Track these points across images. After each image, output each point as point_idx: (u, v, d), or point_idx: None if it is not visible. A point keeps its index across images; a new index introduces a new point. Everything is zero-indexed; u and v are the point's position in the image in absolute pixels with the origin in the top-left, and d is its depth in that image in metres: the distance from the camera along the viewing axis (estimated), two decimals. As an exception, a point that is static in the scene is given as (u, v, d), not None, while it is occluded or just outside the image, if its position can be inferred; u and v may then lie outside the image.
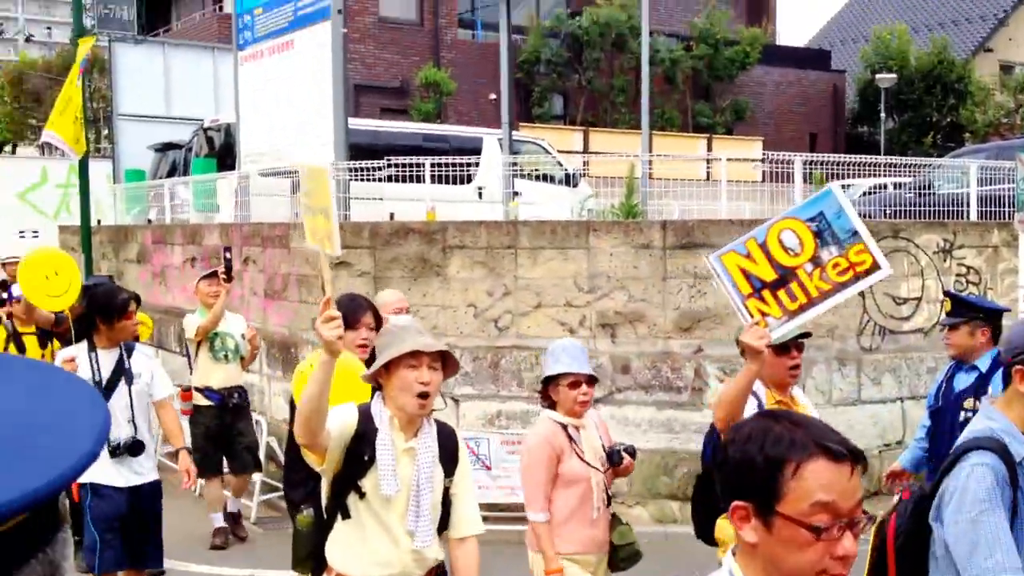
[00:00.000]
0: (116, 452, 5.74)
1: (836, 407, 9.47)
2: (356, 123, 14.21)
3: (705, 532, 4.67)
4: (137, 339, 6.92)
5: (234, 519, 8.93)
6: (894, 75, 32.70)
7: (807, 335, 4.70)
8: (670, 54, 31.64)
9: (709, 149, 26.16)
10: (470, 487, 3.94)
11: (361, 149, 12.85)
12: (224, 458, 8.79)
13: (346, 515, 3.66)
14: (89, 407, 0.84)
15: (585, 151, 24.28)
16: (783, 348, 4.46)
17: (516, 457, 7.47)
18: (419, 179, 11.83)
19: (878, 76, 32.76)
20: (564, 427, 4.74)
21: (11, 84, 31.70)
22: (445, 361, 3.72)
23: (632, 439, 9.66)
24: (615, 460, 4.83)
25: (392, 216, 11.43)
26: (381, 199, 12.38)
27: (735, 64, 33.29)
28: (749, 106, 34.37)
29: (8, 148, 31.94)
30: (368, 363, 3.99)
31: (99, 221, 16.76)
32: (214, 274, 8.70)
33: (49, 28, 59.37)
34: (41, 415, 0.81)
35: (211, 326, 8.50)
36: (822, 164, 11.98)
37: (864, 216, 5.36)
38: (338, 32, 11.75)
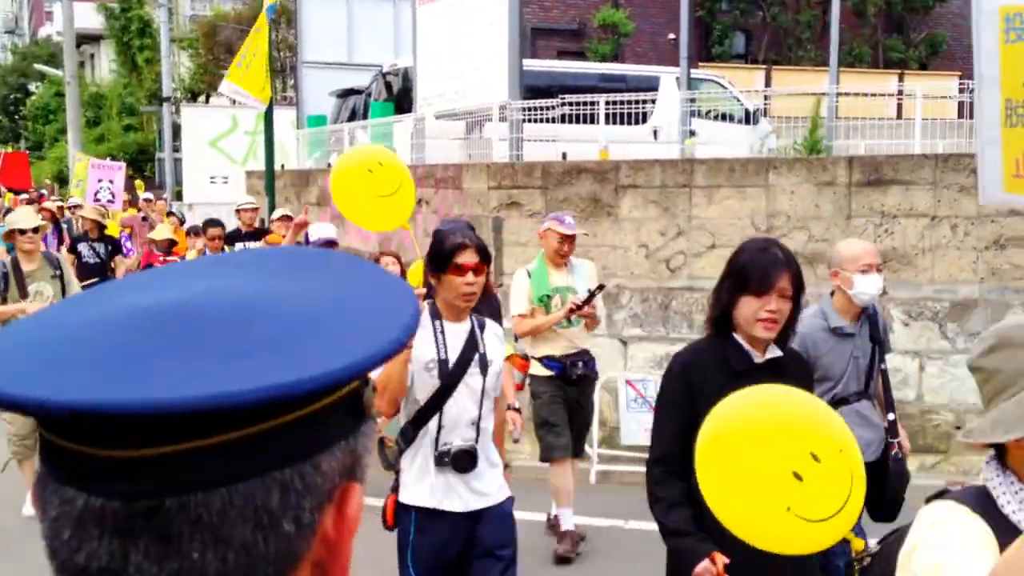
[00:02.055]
0: (442, 461, 4.16)
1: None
2: (531, 64, 14.09)
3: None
4: (498, 308, 6.31)
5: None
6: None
7: None
8: (861, -14, 30.09)
9: (900, 85, 24.83)
10: None
11: (537, 90, 12.74)
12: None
13: None
14: (399, 294, 0.82)
15: (767, 89, 23.46)
16: None
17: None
18: (593, 119, 11.64)
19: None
20: None
21: (205, 36, 33.04)
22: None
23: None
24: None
25: (564, 156, 11.29)
26: (555, 140, 12.25)
27: (932, -5, 31.40)
28: (946, 39, 32.40)
29: (202, 98, 33.38)
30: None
31: (283, 166, 17.29)
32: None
33: (242, -18, 61.43)
34: (348, 300, 0.79)
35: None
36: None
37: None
38: (513, -30, 11.62)
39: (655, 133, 14.10)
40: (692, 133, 12.11)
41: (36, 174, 35.46)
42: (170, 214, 16.24)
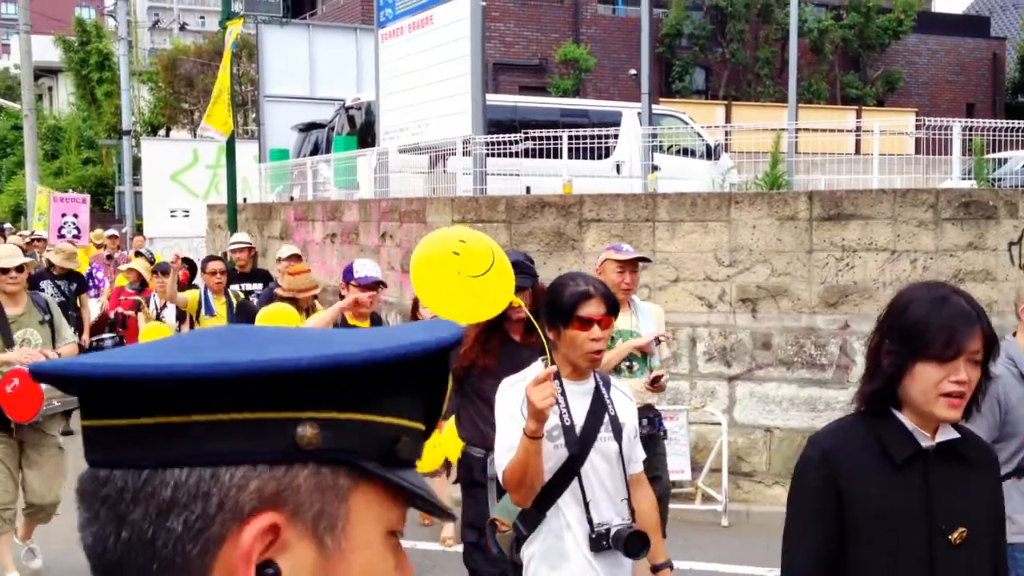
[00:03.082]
0: (601, 545, 3.51)
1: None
2: (494, 99, 14.15)
3: None
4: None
5: None
6: (1060, 41, 30.89)
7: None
8: (818, 24, 30.60)
9: (858, 121, 25.19)
10: None
11: (500, 124, 12.78)
12: None
13: None
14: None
15: (728, 125, 23.70)
16: None
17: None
18: (556, 154, 11.68)
19: (1042, 42, 31.00)
20: None
21: (165, 70, 32.90)
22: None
23: (772, 418, 9.36)
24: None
25: (528, 190, 11.32)
26: (518, 174, 12.29)
27: (887, 32, 31.98)
28: (902, 76, 33.00)
29: (162, 131, 33.19)
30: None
31: (245, 199, 17.21)
32: None
33: (202, 17, 61.38)
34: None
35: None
36: (982, 132, 11.33)
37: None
38: (476, 4, 11.69)
39: (618, 167, 14.19)
40: (655, 168, 12.19)
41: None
42: (138, 254, 15.09)
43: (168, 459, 0.78)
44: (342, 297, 6.63)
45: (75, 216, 18.30)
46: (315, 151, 16.58)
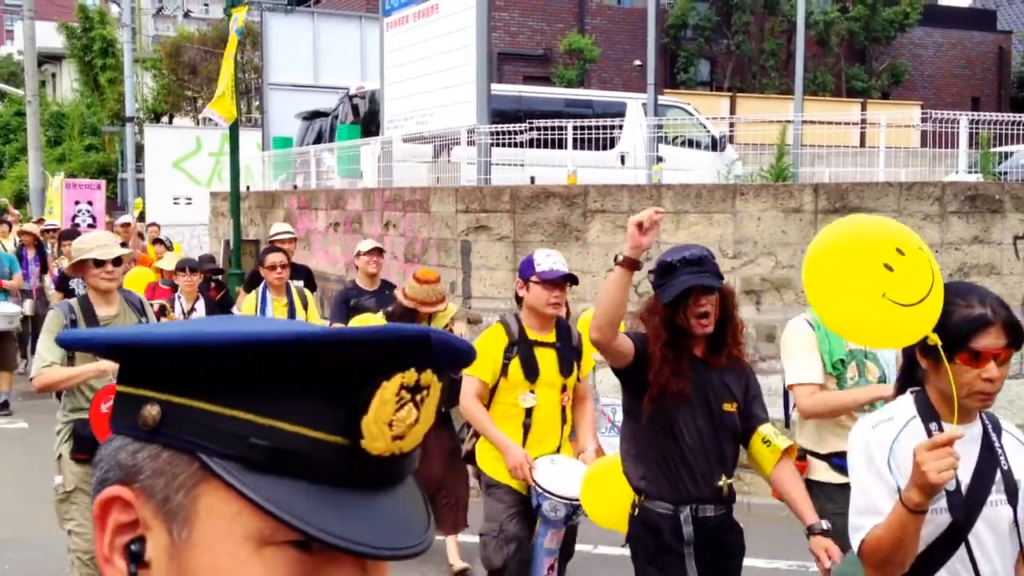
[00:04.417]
0: None
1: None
2: (498, 88, 14.10)
3: None
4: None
5: None
6: (1067, 35, 30.78)
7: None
8: (824, 16, 30.48)
9: (864, 114, 25.13)
10: None
11: (504, 114, 12.75)
12: None
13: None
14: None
15: (733, 116, 23.65)
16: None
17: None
18: (561, 144, 11.65)
19: (1049, 36, 30.89)
20: None
21: (168, 57, 32.83)
22: None
23: (775, 410, 9.32)
24: None
25: (533, 180, 11.29)
26: (522, 164, 12.25)
27: (893, 25, 31.85)
28: (907, 69, 32.89)
29: (165, 118, 33.13)
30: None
31: (248, 187, 17.17)
32: None
33: (207, 4, 61.30)
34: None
35: None
36: (988, 125, 11.28)
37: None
38: (482, -7, 11.65)
39: (622, 158, 14.15)
40: (659, 159, 12.15)
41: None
42: (157, 241, 13.92)
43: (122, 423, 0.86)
44: (519, 299, 5.21)
45: (89, 204, 16.80)
46: (319, 139, 16.55)
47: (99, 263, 5.33)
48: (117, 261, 5.40)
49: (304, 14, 21.68)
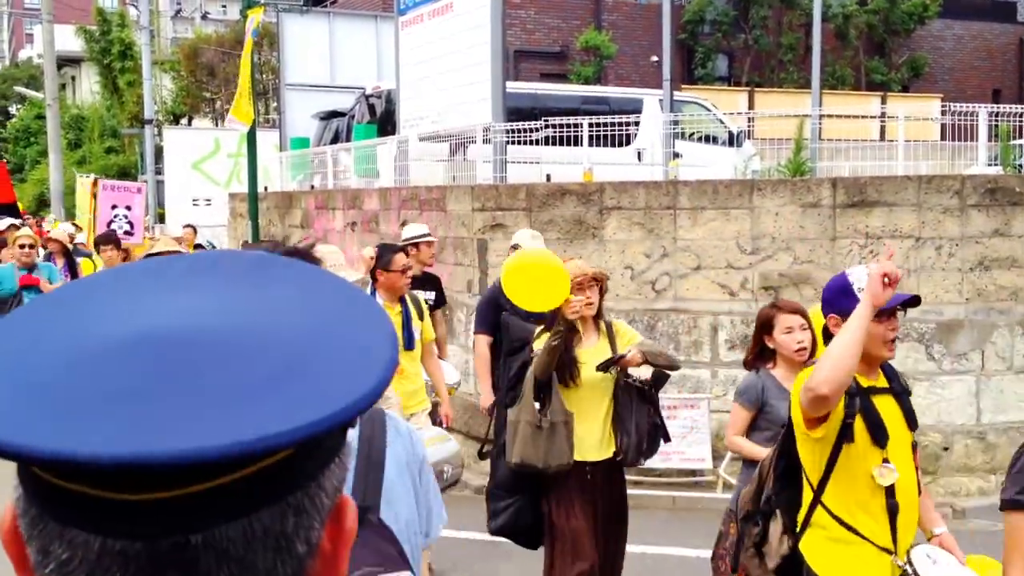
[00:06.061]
0: None
1: (1018, 375, 8.84)
2: (514, 86, 14.08)
3: None
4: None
5: None
6: (1089, 25, 30.47)
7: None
8: (843, 9, 30.27)
9: (883, 107, 24.95)
10: None
11: (520, 112, 12.72)
12: None
13: None
14: (379, 333, 0.76)
15: (751, 111, 23.52)
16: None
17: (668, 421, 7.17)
18: (577, 141, 11.62)
19: (1071, 27, 30.60)
20: None
21: (187, 59, 32.96)
22: None
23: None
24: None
25: (548, 178, 11.26)
26: (538, 162, 12.23)
27: (913, 18, 31.60)
28: (927, 62, 32.64)
29: (184, 120, 33.27)
30: None
31: (266, 188, 17.22)
32: None
33: (224, 5, 61.45)
34: (327, 336, 0.75)
35: None
36: (1009, 117, 11.18)
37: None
38: (496, -9, 11.63)
39: (639, 155, 14.10)
40: (676, 155, 12.10)
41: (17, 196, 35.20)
42: (198, 247, 13.62)
43: (280, 492, 0.75)
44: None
45: (127, 208, 15.25)
46: (335, 139, 16.58)
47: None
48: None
49: (320, 14, 21.71)
